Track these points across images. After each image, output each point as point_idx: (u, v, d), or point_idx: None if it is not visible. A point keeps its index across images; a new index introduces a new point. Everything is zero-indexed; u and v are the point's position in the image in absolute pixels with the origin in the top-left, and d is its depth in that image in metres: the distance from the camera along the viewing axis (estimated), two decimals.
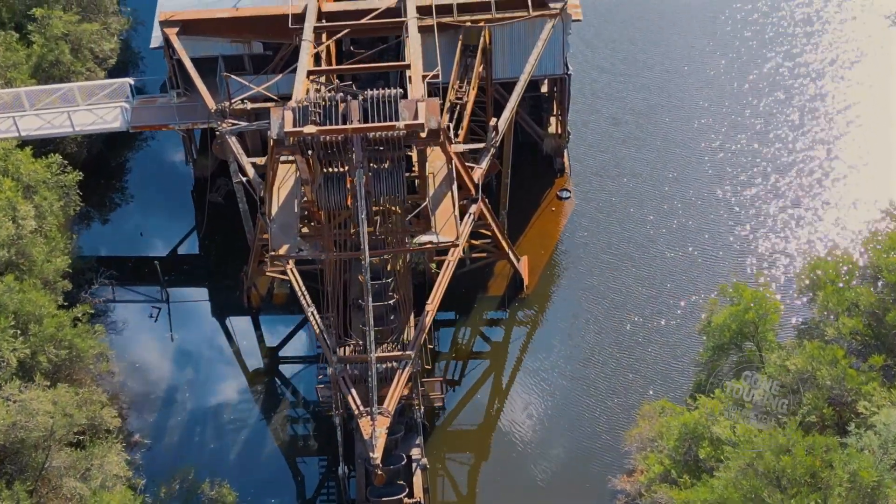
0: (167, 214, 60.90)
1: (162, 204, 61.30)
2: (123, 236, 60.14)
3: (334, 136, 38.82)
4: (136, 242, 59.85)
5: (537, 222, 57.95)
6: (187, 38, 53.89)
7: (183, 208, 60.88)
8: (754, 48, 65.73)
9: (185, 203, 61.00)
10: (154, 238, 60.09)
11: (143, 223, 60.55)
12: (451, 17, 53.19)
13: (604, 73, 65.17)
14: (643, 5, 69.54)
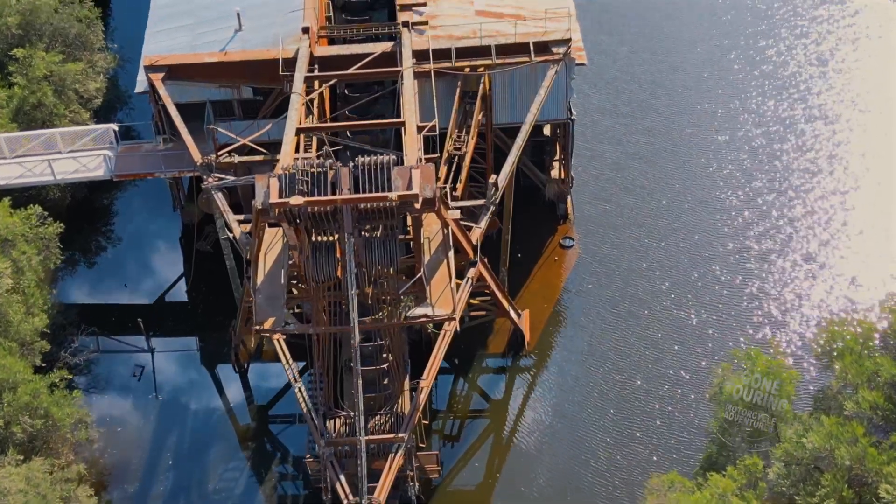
0: (154, 261, 58.67)
1: (149, 250, 59.08)
2: (108, 283, 57.84)
3: (323, 207, 36.43)
4: (122, 290, 57.54)
5: (539, 273, 55.57)
6: (173, 82, 51.58)
7: (171, 254, 58.61)
8: (767, 90, 63.20)
9: (174, 249, 58.71)
10: (141, 285, 57.77)
11: (129, 270, 58.23)
12: (450, 62, 50.88)
13: (606, 115, 62.63)
14: (647, 42, 67.05)
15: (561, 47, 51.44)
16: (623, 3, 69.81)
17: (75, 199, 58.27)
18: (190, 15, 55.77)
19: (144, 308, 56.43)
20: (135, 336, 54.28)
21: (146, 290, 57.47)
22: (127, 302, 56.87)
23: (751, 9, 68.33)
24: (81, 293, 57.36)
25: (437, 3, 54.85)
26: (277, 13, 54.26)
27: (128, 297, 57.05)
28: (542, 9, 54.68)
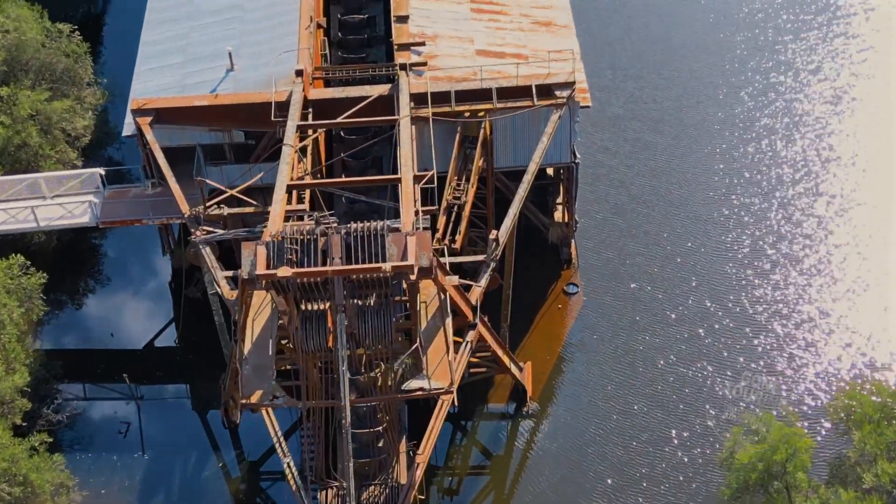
0: (143, 306, 56.75)
1: (138, 295, 57.15)
2: (95, 328, 55.95)
3: (313, 277, 34.42)
4: (110, 333, 55.65)
5: (542, 321, 53.51)
6: (162, 126, 49.61)
7: (160, 299, 56.67)
8: (778, 129, 61.06)
9: (163, 294, 56.76)
10: (129, 331, 55.87)
11: (117, 315, 56.32)
12: (449, 106, 48.89)
13: (610, 155, 60.51)
14: (652, 78, 64.93)
15: (564, 90, 49.44)
16: (627, 38, 67.75)
17: (61, 243, 56.43)
18: (180, 52, 53.84)
19: (132, 354, 54.61)
20: (122, 384, 52.28)
21: (134, 335, 55.57)
22: (114, 347, 54.99)
23: (763, 44, 66.18)
24: (67, 339, 55.43)
25: (437, 43, 52.91)
26: (271, 52, 52.35)
27: (115, 343, 55.15)
28: (546, 48, 52.85)
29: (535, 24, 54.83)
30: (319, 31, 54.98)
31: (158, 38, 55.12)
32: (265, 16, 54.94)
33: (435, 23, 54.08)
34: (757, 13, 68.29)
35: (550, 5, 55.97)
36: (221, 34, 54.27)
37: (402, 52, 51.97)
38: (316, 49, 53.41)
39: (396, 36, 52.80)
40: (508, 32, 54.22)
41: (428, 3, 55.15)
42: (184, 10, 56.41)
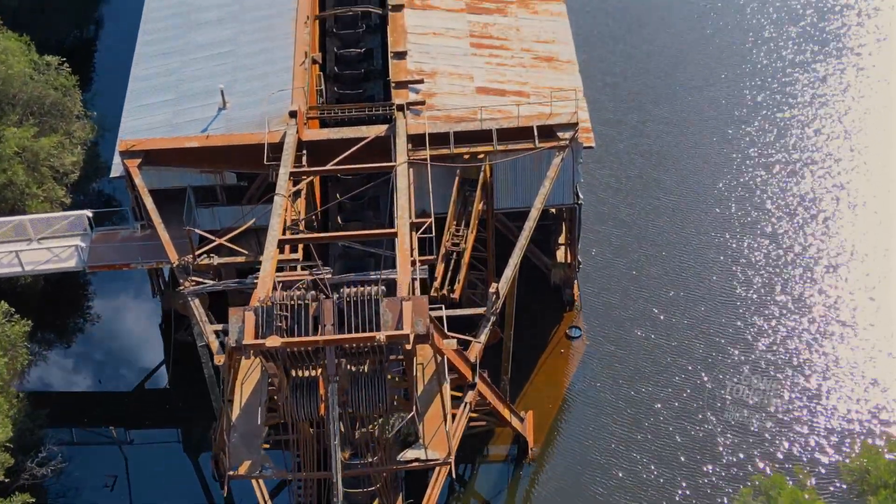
0: (133, 348, 55.16)
1: (128, 336, 55.57)
2: (84, 371, 54.48)
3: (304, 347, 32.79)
4: (99, 376, 54.16)
5: (544, 367, 51.79)
6: (152, 168, 48.01)
7: (151, 341, 55.07)
8: (787, 168, 59.27)
9: (154, 335, 55.15)
10: (119, 373, 54.33)
11: (107, 357, 54.84)
12: (448, 148, 47.28)
13: (612, 193, 58.79)
14: (656, 110, 63.21)
15: (567, 132, 47.82)
16: (630, 68, 66.09)
17: (49, 283, 54.86)
18: (171, 89, 52.21)
19: (122, 397, 53.20)
20: (110, 426, 50.88)
21: (124, 378, 54.08)
22: (104, 390, 53.50)
23: (770, 78, 64.46)
24: (55, 383, 54.02)
25: (435, 80, 51.31)
26: (264, 89, 50.79)
27: (105, 386, 53.71)
28: (548, 85, 51.40)
29: (537, 60, 53.22)
30: (315, 66, 53.42)
31: (149, 72, 53.50)
32: (258, 50, 53.35)
33: (434, 58, 52.50)
34: (764, 44, 66.67)
35: (553, 39, 54.36)
36: (214, 69, 52.69)
37: (400, 91, 50.41)
38: (311, 86, 51.81)
39: (394, 73, 51.22)
40: (509, 68, 52.61)
41: (427, 37, 53.56)
42: (175, 43, 54.81)
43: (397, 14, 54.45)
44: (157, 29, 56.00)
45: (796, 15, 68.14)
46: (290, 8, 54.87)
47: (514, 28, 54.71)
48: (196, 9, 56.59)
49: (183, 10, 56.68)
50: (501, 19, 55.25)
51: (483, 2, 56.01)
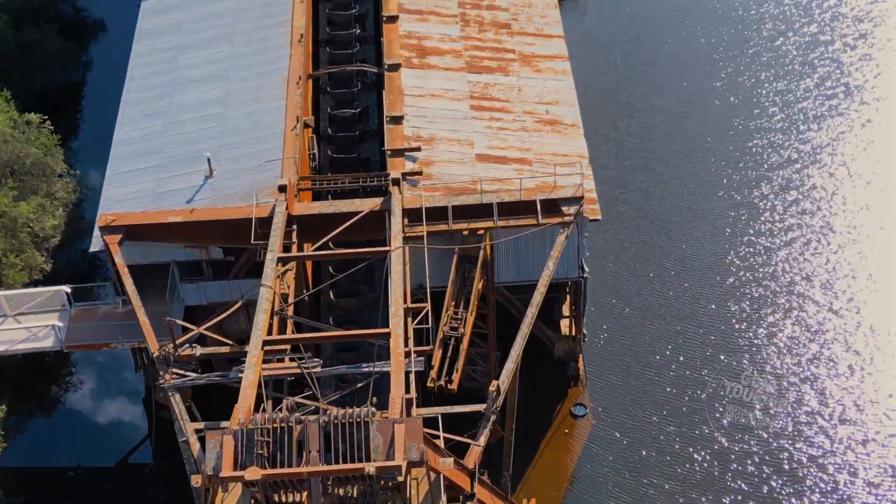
0: (116, 420, 52.92)
1: (110, 408, 53.25)
2: (64, 445, 51.96)
3: None
4: (80, 451, 51.64)
5: (548, 449, 49.33)
6: (133, 243, 45.49)
7: (134, 413, 52.63)
8: (800, 236, 56.59)
9: (137, 408, 52.69)
10: (102, 446, 51.91)
11: (89, 429, 52.63)
12: (446, 224, 44.76)
13: (617, 261, 56.09)
14: (658, 167, 60.58)
15: (572, 206, 45.31)
16: (633, 121, 63.50)
17: (27, 356, 52.15)
18: (156, 154, 49.65)
19: (104, 473, 50.69)
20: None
21: (107, 452, 51.64)
22: (86, 465, 51.01)
23: (779, 137, 61.83)
24: (35, 456, 51.39)
25: (433, 146, 48.77)
26: (253, 156, 48.29)
27: (87, 460, 51.24)
28: (552, 151, 48.98)
29: (540, 123, 50.67)
30: (307, 130, 50.92)
31: (133, 135, 50.96)
32: (248, 112, 50.78)
33: (432, 123, 49.96)
34: (776, 94, 64.11)
35: (556, 101, 51.80)
36: (200, 133, 50.15)
37: (396, 159, 47.89)
38: (303, 152, 49.31)
39: (390, 140, 48.69)
40: (511, 133, 50.06)
41: (424, 99, 51.03)
42: (161, 103, 52.27)
43: (394, 74, 51.92)
44: (143, 87, 53.47)
45: (812, 67, 65.45)
46: (281, 67, 52.34)
47: (516, 88, 52.18)
48: (183, 65, 54.09)
49: (170, 67, 54.17)
50: (503, 79, 52.70)
51: (484, 60, 53.48)
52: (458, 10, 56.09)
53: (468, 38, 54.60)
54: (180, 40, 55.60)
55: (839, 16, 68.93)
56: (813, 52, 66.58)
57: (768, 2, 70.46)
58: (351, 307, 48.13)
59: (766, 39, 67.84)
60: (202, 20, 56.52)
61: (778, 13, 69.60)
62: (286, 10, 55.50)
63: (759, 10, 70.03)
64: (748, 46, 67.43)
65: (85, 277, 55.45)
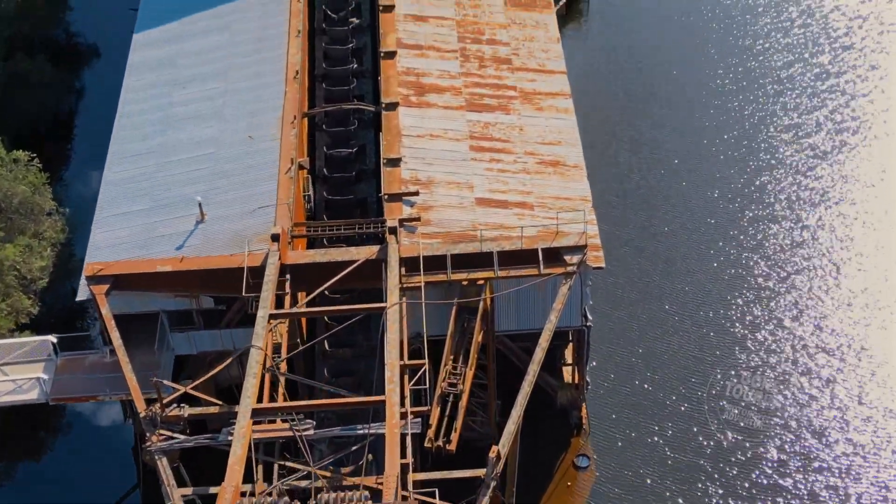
0: (104, 468, 51.03)
1: (98, 455, 51.45)
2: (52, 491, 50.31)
3: None
4: (67, 500, 49.96)
5: None
6: (121, 293, 44.00)
7: (123, 461, 51.00)
8: (806, 279, 55.17)
9: (126, 456, 51.09)
10: (90, 493, 50.15)
11: (76, 477, 50.67)
12: (445, 274, 43.25)
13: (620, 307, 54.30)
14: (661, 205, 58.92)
15: (575, 255, 43.76)
16: (635, 158, 61.84)
17: None
18: (146, 196, 48.18)
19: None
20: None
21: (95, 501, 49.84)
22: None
23: (784, 174, 60.27)
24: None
25: (431, 190, 47.28)
26: (246, 200, 46.84)
27: None
28: (554, 194, 47.54)
29: (542, 165, 49.17)
30: (302, 171, 49.42)
31: (123, 176, 49.52)
32: (241, 153, 49.31)
33: (430, 165, 48.46)
34: (784, 129, 62.56)
35: (559, 140, 50.31)
36: (192, 175, 48.70)
37: (393, 204, 46.37)
38: (297, 196, 47.79)
39: (387, 184, 47.19)
40: (512, 175, 48.56)
41: (423, 140, 49.56)
42: (153, 142, 50.83)
43: (391, 113, 50.45)
44: (134, 124, 52.03)
45: (822, 101, 63.81)
46: (276, 105, 50.90)
47: (518, 128, 50.68)
48: (176, 102, 52.67)
49: (162, 103, 52.73)
50: (504, 117, 51.21)
51: (484, 98, 52.00)
52: (458, 44, 54.66)
53: (468, 74, 53.15)
54: (173, 75, 54.18)
55: (849, 46, 67.46)
56: (823, 83, 65.05)
57: (776, 32, 68.98)
58: (346, 357, 46.57)
59: (774, 71, 66.32)
60: (195, 54, 55.11)
61: (787, 44, 68.12)
62: (281, 45, 54.09)
63: (767, 41, 68.55)
64: (755, 78, 65.90)
65: (74, 317, 54.27)
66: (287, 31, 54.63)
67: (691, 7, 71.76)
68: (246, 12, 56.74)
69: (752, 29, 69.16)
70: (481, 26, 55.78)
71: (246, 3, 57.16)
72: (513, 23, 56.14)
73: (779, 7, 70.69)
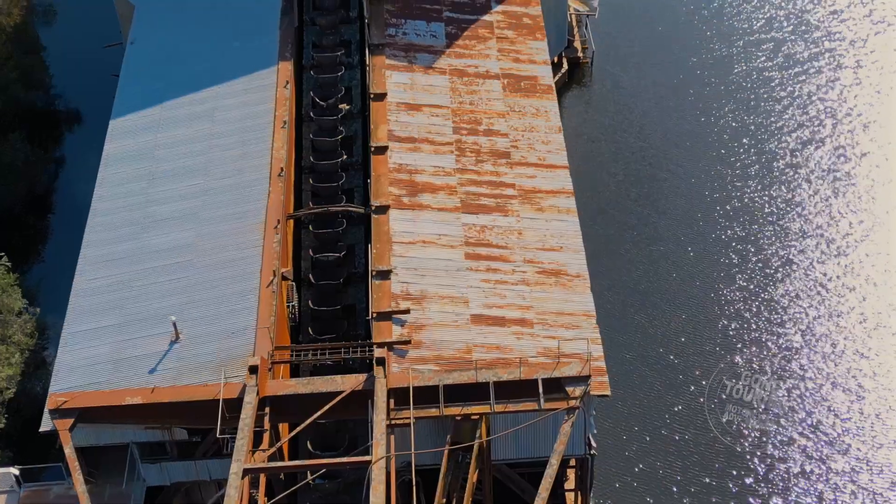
0: None
1: None
2: None
3: None
4: None
5: None
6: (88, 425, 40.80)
7: None
8: (813, 358, 52.02)
9: None
10: None
11: None
12: (437, 408, 40.08)
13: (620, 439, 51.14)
14: (662, 304, 55.67)
15: (578, 386, 40.53)
16: (636, 251, 58.65)
17: None
18: (118, 309, 44.94)
19: None
20: None
21: None
22: None
23: (790, 254, 57.15)
24: None
25: (424, 306, 44.04)
26: (224, 318, 43.64)
27: None
28: (555, 308, 44.35)
29: (542, 275, 45.91)
30: (286, 283, 46.22)
31: (95, 284, 46.25)
32: (221, 261, 46.06)
33: (423, 276, 45.24)
34: (793, 205, 59.42)
35: (560, 246, 47.08)
36: (166, 286, 45.44)
37: (383, 324, 43.13)
38: (280, 311, 44.55)
39: (376, 301, 43.91)
40: (510, 287, 45.31)
41: (415, 247, 46.34)
42: (126, 246, 47.58)
43: (381, 217, 47.25)
44: (108, 224, 48.76)
45: (837, 193, 60.62)
46: (258, 207, 47.68)
47: (516, 232, 47.45)
48: (153, 199, 49.43)
49: (138, 201, 49.49)
50: (501, 220, 47.98)
51: (481, 197, 48.79)
52: (454, 136, 51.44)
53: (464, 169, 49.96)
54: (151, 168, 50.96)
55: (871, 123, 64.41)
56: (844, 164, 61.95)
57: (791, 108, 65.74)
58: (331, 491, 43.33)
59: (787, 148, 63.18)
60: (175, 145, 51.88)
61: (802, 121, 64.99)
62: (265, 137, 50.88)
63: (781, 119, 65.37)
64: (768, 159, 62.69)
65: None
66: (272, 122, 51.42)
67: (699, 78, 68.59)
68: (229, 98, 53.53)
69: (764, 106, 65.86)
70: (478, 115, 52.58)
71: (229, 88, 53.95)
72: (512, 110, 52.94)
73: (794, 81, 67.44)
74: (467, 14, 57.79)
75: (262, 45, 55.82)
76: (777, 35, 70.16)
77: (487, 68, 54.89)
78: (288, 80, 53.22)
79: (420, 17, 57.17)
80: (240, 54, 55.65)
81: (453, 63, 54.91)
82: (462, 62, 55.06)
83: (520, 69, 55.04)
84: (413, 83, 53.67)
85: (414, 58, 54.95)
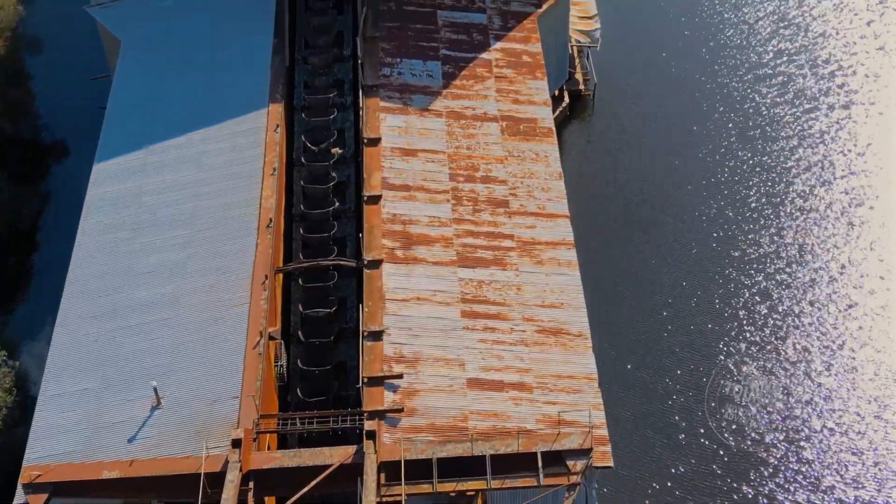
0: None
1: None
2: None
3: None
4: None
5: None
6: (64, 500, 38.81)
7: None
8: (819, 422, 50.05)
9: None
10: None
11: None
12: (430, 484, 38.09)
13: None
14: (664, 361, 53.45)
15: (580, 460, 38.52)
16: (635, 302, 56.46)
17: None
18: (96, 371, 42.99)
19: None
20: None
21: None
22: None
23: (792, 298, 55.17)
24: None
25: (417, 369, 42.08)
26: (207, 382, 41.70)
27: None
28: (555, 371, 42.51)
29: (542, 334, 43.93)
30: (273, 343, 44.18)
31: (73, 340, 44.34)
32: (205, 320, 44.07)
33: (417, 337, 43.23)
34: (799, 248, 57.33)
35: (561, 303, 45.08)
36: (148, 346, 43.49)
37: (374, 389, 41.12)
38: (267, 373, 42.51)
39: (367, 365, 41.90)
40: (508, 348, 43.31)
41: (408, 305, 44.34)
42: (108, 300, 45.63)
43: (374, 272, 45.26)
44: (89, 276, 46.82)
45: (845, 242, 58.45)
46: (245, 262, 45.69)
47: (515, 287, 45.43)
48: (136, 250, 47.48)
49: (121, 252, 47.52)
50: (500, 274, 45.98)
51: (478, 250, 46.78)
52: (450, 183, 49.43)
53: (461, 220, 47.95)
54: (134, 217, 49.01)
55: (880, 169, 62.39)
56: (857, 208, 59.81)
57: (801, 148, 63.55)
58: None
59: (796, 192, 61.10)
60: (161, 191, 49.90)
61: (813, 161, 62.87)
62: (254, 185, 48.89)
63: (791, 158, 63.27)
64: (777, 201, 60.58)
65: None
66: (262, 168, 49.43)
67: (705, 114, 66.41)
68: (217, 142, 51.55)
69: (772, 147, 63.67)
70: (476, 160, 50.57)
71: (218, 131, 51.96)
72: (510, 155, 50.95)
73: (806, 117, 65.24)
74: (465, 52, 55.84)
75: (253, 84, 53.87)
76: (787, 70, 68.07)
77: (485, 110, 52.90)
78: (278, 123, 51.26)
79: (416, 55, 55.21)
80: (229, 94, 53.71)
81: (450, 105, 52.92)
82: (459, 104, 53.07)
83: (519, 111, 53.06)
84: (408, 127, 51.70)
85: (409, 99, 52.98)
